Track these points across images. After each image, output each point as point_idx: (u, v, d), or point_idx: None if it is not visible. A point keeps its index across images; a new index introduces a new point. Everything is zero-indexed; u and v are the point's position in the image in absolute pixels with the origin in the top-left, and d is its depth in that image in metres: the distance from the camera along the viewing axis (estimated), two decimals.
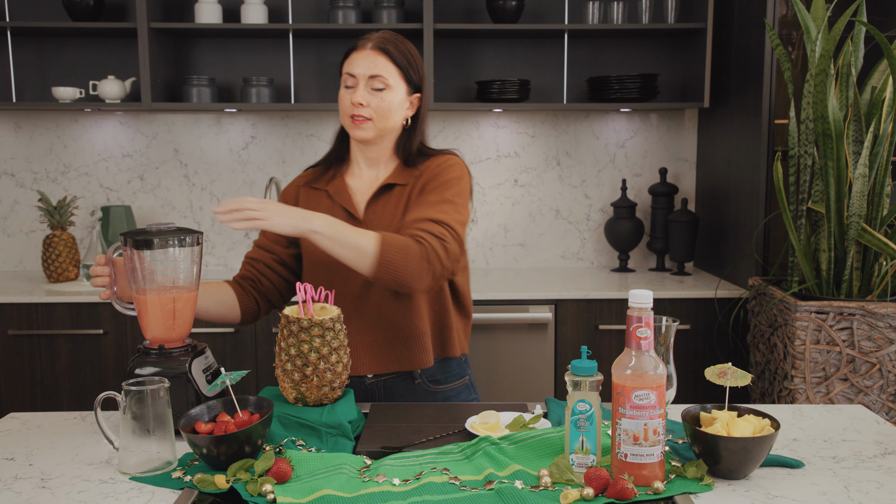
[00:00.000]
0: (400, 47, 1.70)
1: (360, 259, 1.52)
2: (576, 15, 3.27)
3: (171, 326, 1.48)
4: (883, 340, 2.36)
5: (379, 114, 1.68)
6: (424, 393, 1.77)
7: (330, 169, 1.80)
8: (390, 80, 1.68)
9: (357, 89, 1.67)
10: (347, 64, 1.70)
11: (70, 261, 3.10)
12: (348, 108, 1.69)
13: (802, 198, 2.54)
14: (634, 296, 1.21)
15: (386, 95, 1.68)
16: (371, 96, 1.67)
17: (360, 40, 1.70)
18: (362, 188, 1.77)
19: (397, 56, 1.69)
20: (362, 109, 1.67)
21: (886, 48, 2.28)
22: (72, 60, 3.29)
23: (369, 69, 1.67)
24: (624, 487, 1.17)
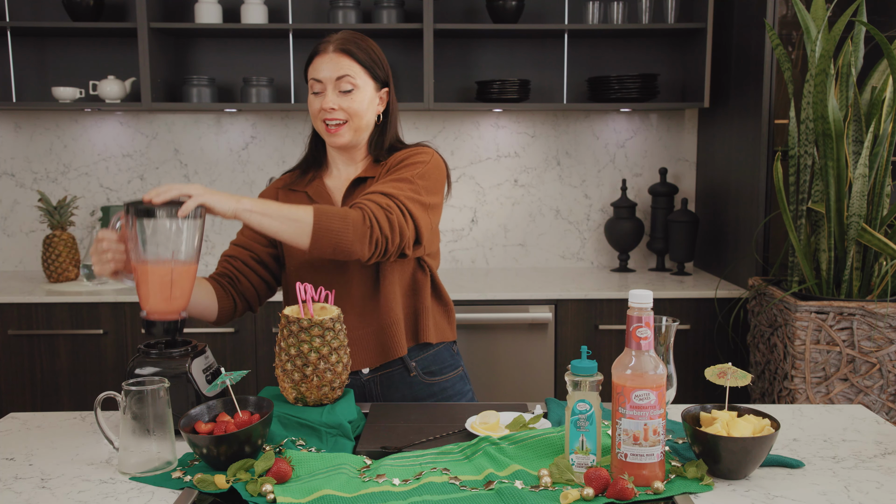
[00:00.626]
0: (361, 45, 1.71)
1: (298, 230, 1.48)
2: (576, 15, 3.27)
3: (168, 297, 1.45)
4: (883, 340, 2.36)
5: (351, 114, 1.69)
6: (420, 385, 1.78)
7: (308, 172, 1.81)
8: (357, 79, 1.68)
9: (326, 94, 1.68)
10: (312, 70, 1.70)
11: (70, 261, 3.10)
12: (320, 114, 1.69)
13: (802, 198, 2.54)
14: (634, 296, 1.21)
15: (356, 96, 1.68)
16: (341, 99, 1.68)
17: (321, 44, 1.70)
18: (340, 187, 1.78)
19: (360, 55, 1.69)
20: (334, 113, 1.68)
21: (886, 48, 2.28)
22: (72, 60, 3.29)
23: (335, 71, 1.67)
24: (624, 487, 1.17)
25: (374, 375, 1.77)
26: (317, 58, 1.70)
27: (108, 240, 1.46)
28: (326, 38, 1.72)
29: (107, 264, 1.47)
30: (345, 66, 1.67)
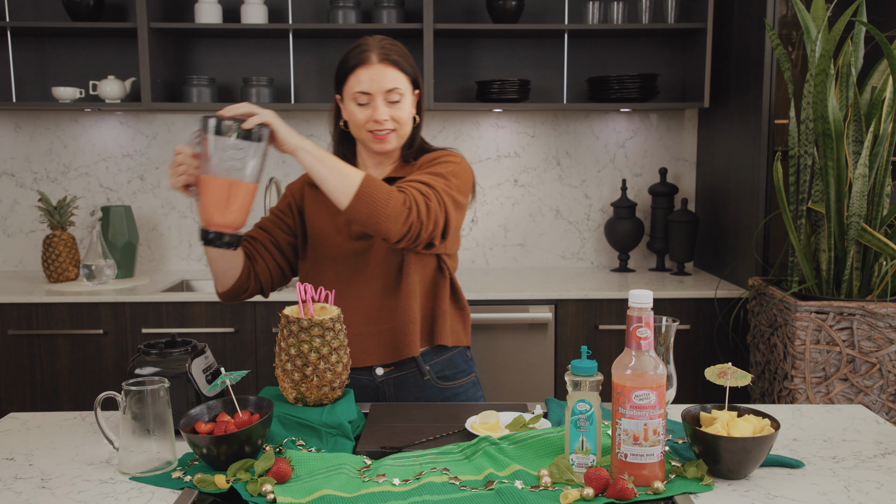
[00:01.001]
0: (399, 52, 1.71)
1: (343, 185, 1.50)
2: (576, 15, 3.27)
3: (223, 211, 1.50)
4: (883, 340, 2.36)
5: (400, 123, 1.70)
6: (433, 389, 1.78)
7: None
8: (402, 88, 1.70)
9: (375, 106, 1.68)
10: (356, 81, 1.68)
11: (70, 261, 3.10)
12: (367, 125, 1.69)
13: (802, 198, 2.54)
14: (634, 296, 1.21)
15: (403, 105, 1.70)
16: (390, 108, 1.69)
17: (362, 54, 1.69)
18: None
19: (403, 64, 1.70)
20: (385, 124, 1.69)
21: (886, 48, 2.28)
22: (72, 60, 3.29)
23: (384, 84, 1.67)
24: (624, 487, 1.17)
25: (387, 377, 1.77)
26: (360, 69, 1.68)
27: (184, 154, 1.51)
28: (362, 46, 1.70)
29: (179, 177, 1.52)
30: (392, 77, 1.68)
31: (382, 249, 1.73)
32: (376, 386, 1.78)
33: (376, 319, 1.74)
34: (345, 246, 1.75)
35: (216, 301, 2.84)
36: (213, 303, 2.84)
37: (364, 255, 1.74)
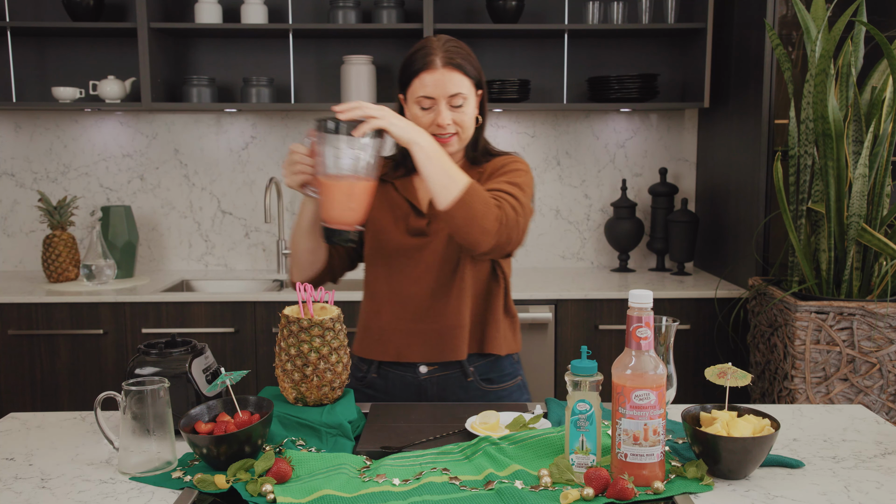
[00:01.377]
0: (463, 55, 1.69)
1: (447, 186, 1.51)
2: (576, 15, 3.27)
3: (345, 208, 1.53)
4: (883, 340, 2.36)
5: (462, 127, 1.69)
6: (477, 391, 1.78)
7: (399, 167, 1.81)
8: (466, 92, 1.68)
9: (439, 110, 1.66)
10: (419, 86, 1.67)
11: (70, 261, 3.10)
12: (430, 129, 1.68)
13: (802, 198, 2.54)
14: (634, 296, 1.21)
15: (466, 108, 1.68)
16: (453, 113, 1.68)
17: (427, 57, 1.67)
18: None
19: (466, 66, 1.68)
20: (448, 128, 1.68)
21: (886, 48, 2.28)
22: (72, 60, 3.29)
23: (448, 89, 1.66)
24: (624, 487, 1.17)
25: (431, 375, 1.77)
26: (425, 73, 1.66)
27: (299, 153, 1.57)
28: (426, 49, 1.68)
29: (296, 176, 1.58)
30: (456, 82, 1.66)
31: (438, 248, 1.73)
32: (419, 383, 1.78)
33: (424, 318, 1.74)
34: (400, 240, 1.75)
35: (216, 301, 2.84)
36: (213, 303, 2.84)
37: (419, 252, 1.74)
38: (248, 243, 3.43)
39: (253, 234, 3.43)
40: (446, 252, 1.73)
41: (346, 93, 3.14)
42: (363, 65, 3.13)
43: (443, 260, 1.73)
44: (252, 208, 3.41)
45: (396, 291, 1.75)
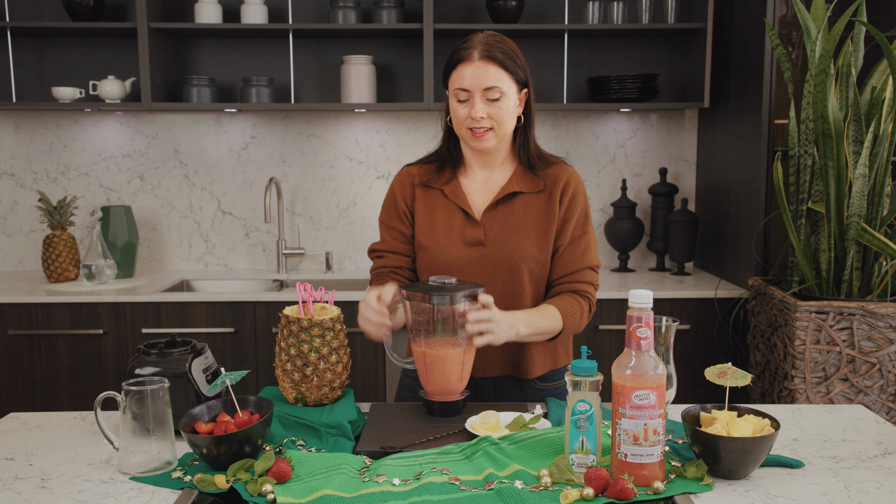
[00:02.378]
0: (505, 49, 1.67)
1: (551, 334, 1.69)
2: (576, 15, 3.27)
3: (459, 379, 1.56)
4: (883, 340, 2.36)
5: (498, 122, 1.67)
6: (532, 389, 1.78)
7: (444, 169, 1.78)
8: (504, 87, 1.66)
9: (473, 103, 1.65)
10: (457, 78, 1.67)
11: (70, 261, 3.10)
12: (466, 122, 1.67)
13: (802, 198, 2.54)
14: (634, 296, 1.21)
15: (502, 103, 1.66)
16: (488, 107, 1.66)
17: (464, 49, 1.66)
18: (478, 189, 1.76)
19: (506, 61, 1.66)
20: (482, 122, 1.66)
21: (886, 48, 2.28)
22: (72, 60, 3.29)
23: (483, 81, 1.64)
24: (624, 487, 1.17)
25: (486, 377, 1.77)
26: (461, 65, 1.66)
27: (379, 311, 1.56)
28: (467, 42, 1.68)
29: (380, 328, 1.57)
30: (492, 74, 1.65)
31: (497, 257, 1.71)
32: (475, 382, 1.77)
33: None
34: (459, 252, 1.72)
35: (216, 301, 2.84)
36: (213, 303, 2.84)
37: (478, 264, 1.71)
38: (248, 243, 3.43)
39: (253, 234, 3.43)
40: (506, 261, 1.70)
41: (346, 93, 3.14)
42: (363, 65, 3.13)
43: (503, 269, 1.70)
44: (252, 208, 3.41)
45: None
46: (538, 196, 1.74)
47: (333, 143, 3.39)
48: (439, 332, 1.55)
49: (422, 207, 1.77)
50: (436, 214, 1.75)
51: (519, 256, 1.70)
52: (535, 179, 1.75)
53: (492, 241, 1.71)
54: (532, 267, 1.71)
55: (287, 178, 3.39)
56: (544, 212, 1.73)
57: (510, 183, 1.74)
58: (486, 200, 1.75)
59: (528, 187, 1.74)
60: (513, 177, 1.75)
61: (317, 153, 3.39)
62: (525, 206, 1.74)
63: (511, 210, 1.73)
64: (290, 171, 3.39)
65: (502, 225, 1.72)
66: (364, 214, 3.42)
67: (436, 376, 1.54)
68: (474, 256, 1.71)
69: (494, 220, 1.73)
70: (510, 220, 1.72)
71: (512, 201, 1.74)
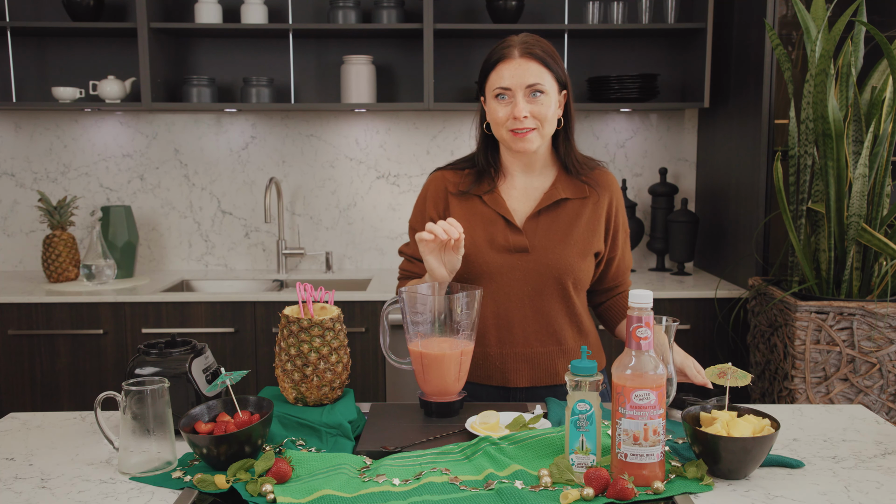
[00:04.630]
0: (544, 48, 1.65)
1: None
2: (576, 15, 3.27)
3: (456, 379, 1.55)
4: (883, 340, 2.36)
5: (541, 120, 1.64)
6: (564, 391, 1.74)
7: (483, 177, 1.74)
8: (546, 85, 1.63)
9: (516, 101, 1.62)
10: (496, 78, 1.64)
11: (70, 261, 3.10)
12: (507, 123, 1.64)
13: (802, 198, 2.54)
14: (634, 296, 1.21)
15: (544, 101, 1.63)
16: (531, 105, 1.62)
17: (504, 49, 1.64)
18: (519, 196, 1.73)
19: (547, 59, 1.64)
20: (526, 121, 1.63)
21: (886, 48, 2.28)
22: (72, 60, 3.29)
23: (526, 79, 1.61)
24: (624, 487, 1.17)
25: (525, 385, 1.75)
26: (501, 64, 1.63)
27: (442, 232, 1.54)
28: (505, 42, 1.65)
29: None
30: (534, 71, 1.62)
31: (540, 264, 1.68)
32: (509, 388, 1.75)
33: (533, 342, 1.70)
34: (501, 259, 1.68)
35: (216, 301, 2.84)
36: (213, 303, 2.84)
37: (521, 271, 1.68)
38: (248, 243, 3.43)
39: (253, 234, 3.43)
40: (551, 268, 1.68)
41: (346, 93, 3.14)
42: (363, 65, 3.13)
43: (548, 277, 1.68)
44: (252, 208, 3.41)
45: (502, 314, 1.69)
46: (583, 202, 1.72)
47: (333, 143, 3.39)
48: (436, 333, 1.55)
49: (459, 215, 1.72)
50: (475, 221, 1.71)
51: (565, 263, 1.68)
52: (580, 185, 1.72)
53: (536, 248, 1.68)
54: (578, 274, 1.69)
55: (287, 178, 3.39)
56: (591, 219, 1.71)
57: (554, 189, 1.71)
58: (528, 207, 1.72)
59: (573, 193, 1.71)
60: (556, 182, 1.72)
61: (317, 153, 3.39)
62: (570, 212, 1.71)
63: (556, 217, 1.70)
64: (290, 171, 3.39)
65: (546, 232, 1.69)
66: (364, 214, 3.42)
67: (433, 377, 1.54)
68: (517, 264, 1.68)
69: (538, 226, 1.70)
70: (555, 226, 1.70)
71: (557, 208, 1.71)
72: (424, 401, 1.56)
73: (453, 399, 1.55)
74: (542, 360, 1.71)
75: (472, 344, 1.57)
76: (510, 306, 1.70)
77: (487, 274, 1.69)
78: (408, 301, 1.54)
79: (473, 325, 1.55)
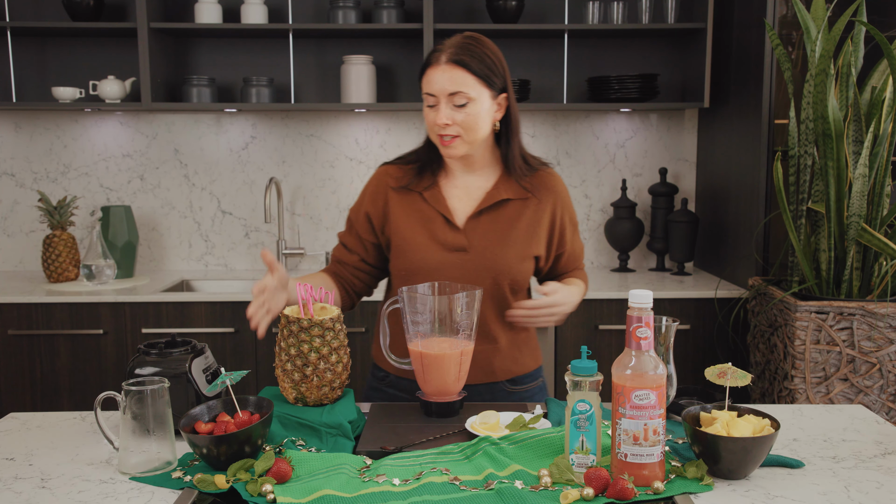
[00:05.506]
0: (476, 52, 1.62)
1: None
2: (576, 15, 3.27)
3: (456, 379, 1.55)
4: (883, 340, 2.36)
5: (465, 129, 1.62)
6: (502, 392, 1.78)
7: (424, 172, 1.74)
8: (471, 92, 1.60)
9: (439, 108, 1.61)
10: (425, 83, 1.63)
11: (70, 261, 3.10)
12: (435, 128, 1.64)
13: (802, 198, 2.54)
14: (634, 296, 1.21)
15: (470, 109, 1.61)
16: (455, 112, 1.61)
17: (435, 53, 1.63)
18: (460, 194, 1.73)
19: (474, 65, 1.60)
20: (448, 129, 1.62)
21: (886, 48, 2.28)
22: (72, 60, 3.29)
23: (447, 86, 1.60)
24: (624, 487, 1.17)
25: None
26: (429, 70, 1.62)
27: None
28: (440, 45, 1.64)
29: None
30: (458, 79, 1.59)
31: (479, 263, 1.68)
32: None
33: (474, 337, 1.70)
34: (440, 257, 1.68)
35: (216, 301, 2.84)
36: (213, 303, 2.84)
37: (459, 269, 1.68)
38: (248, 243, 3.43)
39: (253, 234, 3.43)
40: (489, 268, 1.68)
41: (346, 93, 3.14)
42: (363, 65, 3.13)
43: (486, 277, 1.68)
44: (252, 208, 3.41)
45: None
46: (525, 204, 1.71)
47: (333, 143, 3.39)
48: (436, 333, 1.54)
49: (398, 211, 1.72)
50: (414, 218, 1.71)
51: (503, 265, 1.68)
52: (520, 184, 1.72)
53: (475, 248, 1.68)
54: (515, 276, 1.70)
55: (287, 178, 3.39)
56: (533, 221, 1.71)
57: (496, 189, 1.71)
58: (469, 206, 1.72)
59: (514, 194, 1.71)
60: (498, 183, 1.72)
61: (317, 153, 3.39)
62: (512, 214, 1.71)
63: (497, 217, 1.70)
64: (290, 171, 3.39)
65: (486, 232, 1.69)
66: None
67: (433, 377, 1.54)
68: (455, 262, 1.68)
69: (478, 226, 1.70)
70: (495, 227, 1.70)
71: (498, 209, 1.71)
72: (424, 401, 1.56)
73: (453, 399, 1.55)
74: (477, 358, 1.69)
75: (472, 344, 1.57)
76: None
77: (424, 270, 1.68)
78: (408, 301, 1.54)
79: (473, 325, 1.55)
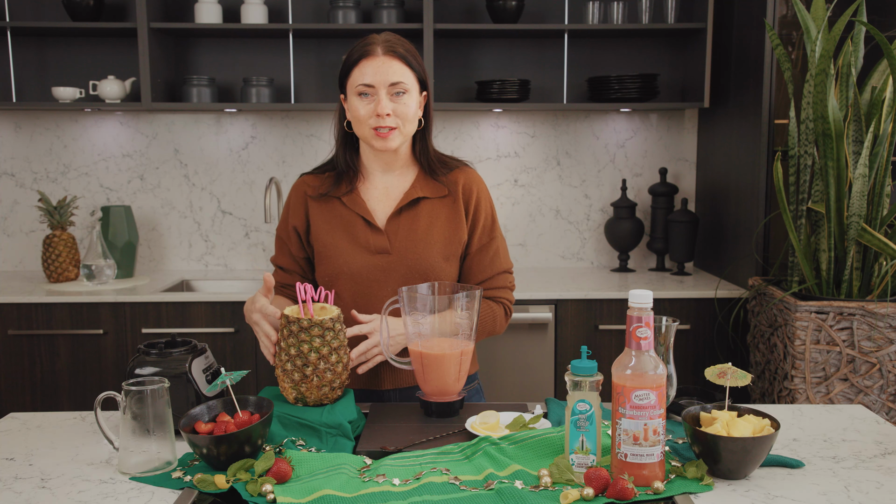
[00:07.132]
0: (407, 48, 1.67)
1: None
2: (576, 15, 3.27)
3: (456, 379, 1.55)
4: (883, 340, 2.36)
5: (403, 119, 1.64)
6: None
7: (342, 179, 1.75)
8: (408, 83, 1.64)
9: (379, 99, 1.62)
10: (359, 74, 1.64)
11: (70, 261, 3.10)
12: (370, 121, 1.64)
13: (802, 198, 2.54)
14: (634, 296, 1.21)
15: (406, 100, 1.64)
16: (393, 103, 1.63)
17: (366, 46, 1.64)
18: (379, 196, 1.74)
19: (410, 59, 1.65)
20: (388, 120, 1.63)
21: (886, 48, 2.28)
22: (72, 60, 3.29)
23: (389, 76, 1.62)
24: (624, 487, 1.17)
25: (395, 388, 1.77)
26: (364, 61, 1.63)
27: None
28: (367, 40, 1.66)
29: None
30: (397, 70, 1.63)
31: (404, 266, 1.68)
32: (381, 394, 1.77)
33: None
34: (363, 260, 1.69)
35: (216, 301, 2.84)
36: (213, 303, 2.84)
37: (384, 272, 1.69)
38: (248, 243, 3.43)
39: (253, 234, 3.43)
40: (414, 269, 1.68)
41: None
42: None
43: (412, 278, 1.68)
44: (252, 208, 3.41)
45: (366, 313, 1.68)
46: (442, 202, 1.72)
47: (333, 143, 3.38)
48: (436, 333, 1.55)
49: (319, 218, 1.73)
50: (335, 224, 1.71)
51: (427, 264, 1.68)
52: (438, 185, 1.73)
53: (398, 248, 1.69)
54: (441, 276, 1.70)
55: (287, 178, 3.39)
56: (451, 218, 1.72)
57: (413, 188, 1.72)
58: (389, 207, 1.72)
59: (431, 192, 1.72)
60: (415, 182, 1.73)
61: (317, 153, 3.38)
62: (430, 212, 1.71)
63: (416, 216, 1.71)
64: (289, 171, 3.39)
65: (407, 232, 1.70)
66: None
67: (433, 377, 1.54)
68: (380, 265, 1.69)
69: (399, 227, 1.70)
70: (416, 227, 1.70)
71: (416, 207, 1.71)
72: (424, 401, 1.56)
73: (453, 399, 1.55)
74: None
75: (473, 344, 1.57)
76: (372, 308, 1.69)
77: (348, 274, 1.69)
78: (408, 301, 1.54)
79: (473, 325, 1.55)
